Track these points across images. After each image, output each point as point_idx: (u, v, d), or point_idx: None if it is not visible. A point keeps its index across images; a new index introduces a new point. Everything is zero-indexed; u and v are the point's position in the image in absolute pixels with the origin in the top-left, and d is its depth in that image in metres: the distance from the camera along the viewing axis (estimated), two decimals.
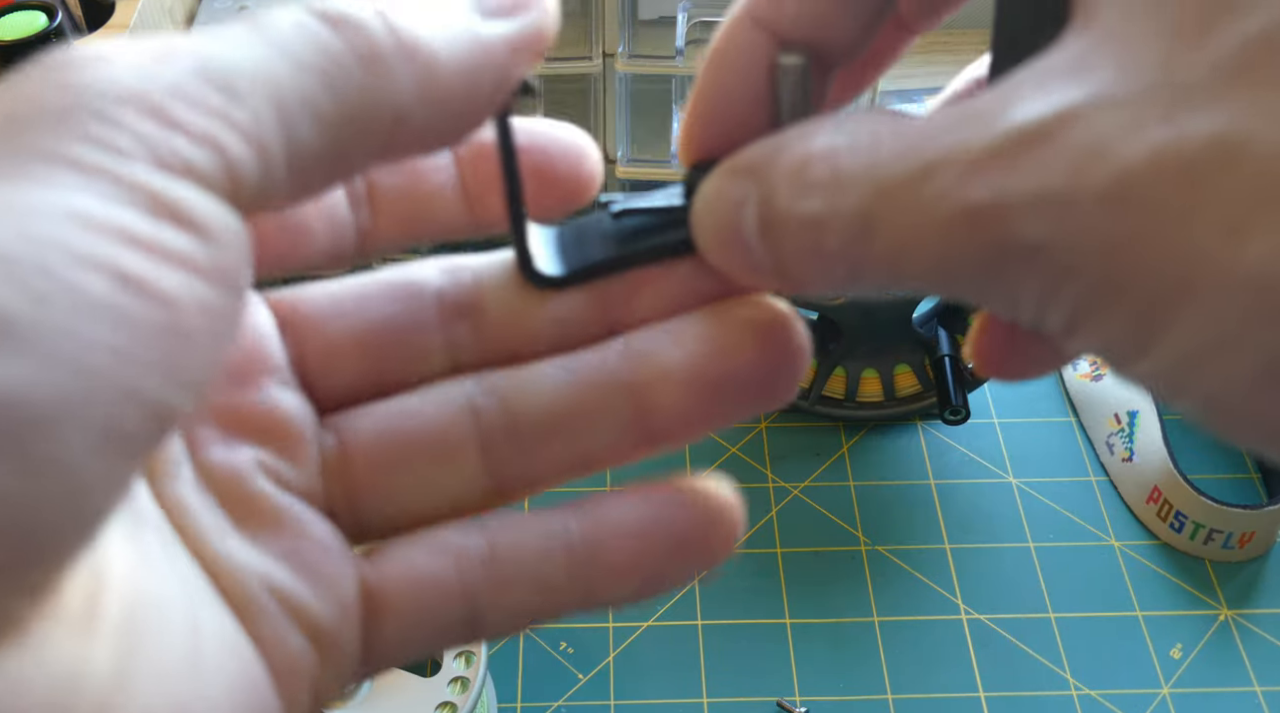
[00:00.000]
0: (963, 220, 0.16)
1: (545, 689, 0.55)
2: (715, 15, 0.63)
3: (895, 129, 0.18)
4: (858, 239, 0.17)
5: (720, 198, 0.20)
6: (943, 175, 0.16)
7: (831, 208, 0.18)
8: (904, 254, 0.17)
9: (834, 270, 0.18)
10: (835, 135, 0.18)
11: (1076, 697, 0.55)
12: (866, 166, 0.17)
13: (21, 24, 0.54)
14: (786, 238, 0.19)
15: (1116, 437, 0.63)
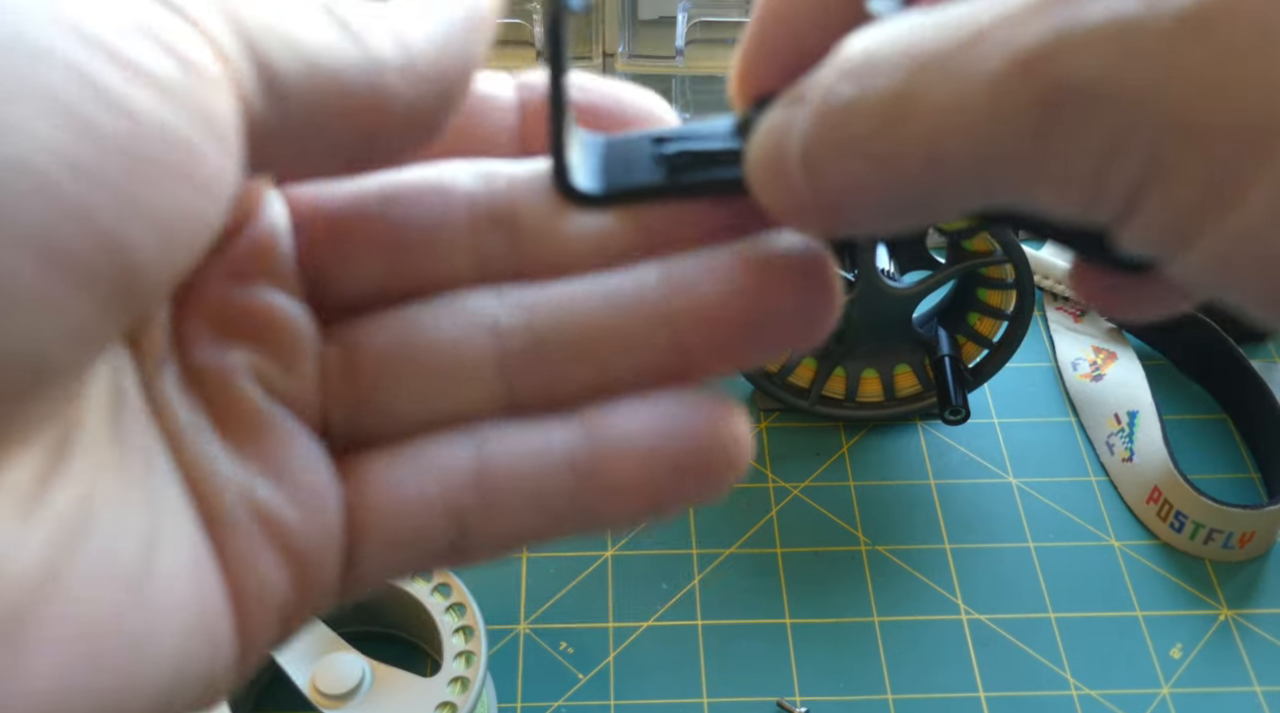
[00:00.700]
0: (1014, 70, 0.14)
1: (545, 689, 0.55)
2: (715, 15, 0.63)
3: (939, 15, 0.16)
4: (891, 122, 0.16)
5: (771, 130, 0.18)
6: (995, 33, 0.15)
7: (861, 90, 0.16)
8: (944, 129, 0.15)
9: (861, 170, 0.16)
10: (877, 31, 0.17)
11: (1076, 697, 0.55)
12: (904, 45, 0.16)
13: None
14: (817, 144, 0.17)
15: (1116, 437, 0.63)
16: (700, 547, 0.60)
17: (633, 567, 0.59)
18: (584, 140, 0.21)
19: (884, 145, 0.16)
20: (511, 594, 0.58)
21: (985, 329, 0.62)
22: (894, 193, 0.16)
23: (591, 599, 0.58)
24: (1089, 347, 0.67)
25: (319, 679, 0.48)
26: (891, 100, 0.16)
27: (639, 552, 0.60)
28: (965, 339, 0.63)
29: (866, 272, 0.59)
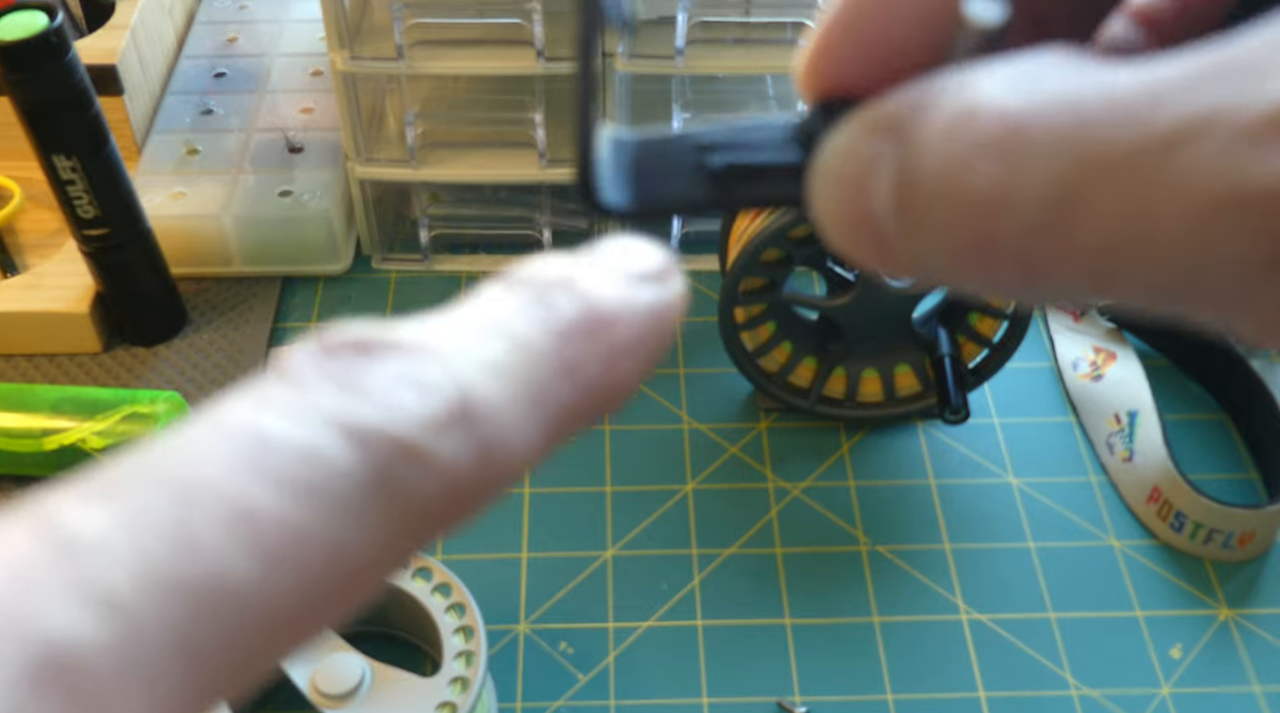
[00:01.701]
0: (1233, 209, 0.12)
1: (545, 689, 0.55)
2: (715, 15, 0.63)
3: (1099, 80, 0.13)
4: (1050, 230, 0.13)
5: (849, 160, 0.15)
6: (1201, 145, 0.12)
7: (1011, 181, 0.13)
8: (1124, 254, 0.13)
9: (1001, 270, 0.14)
10: (1010, 82, 0.14)
11: (1076, 697, 0.55)
12: (1066, 127, 0.13)
13: (21, 24, 0.54)
14: (935, 221, 0.14)
15: (1116, 437, 0.63)
16: (700, 547, 0.60)
17: (633, 567, 0.59)
18: (616, 140, 0.19)
19: (1036, 253, 0.13)
20: (511, 594, 0.58)
21: (985, 329, 0.62)
22: (1035, 295, 0.14)
23: (591, 599, 0.58)
24: (1089, 347, 0.67)
25: (319, 679, 0.48)
26: (1052, 204, 0.13)
27: (639, 552, 0.60)
28: (965, 339, 0.63)
29: (866, 272, 0.59)
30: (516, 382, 0.15)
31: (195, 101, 0.75)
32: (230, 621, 0.13)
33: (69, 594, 0.12)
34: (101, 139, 0.59)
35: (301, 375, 0.15)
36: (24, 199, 0.73)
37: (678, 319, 0.17)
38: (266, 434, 0.14)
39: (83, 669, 0.12)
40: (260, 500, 0.13)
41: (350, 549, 0.14)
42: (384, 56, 0.64)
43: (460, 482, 0.14)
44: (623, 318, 0.16)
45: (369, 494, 0.14)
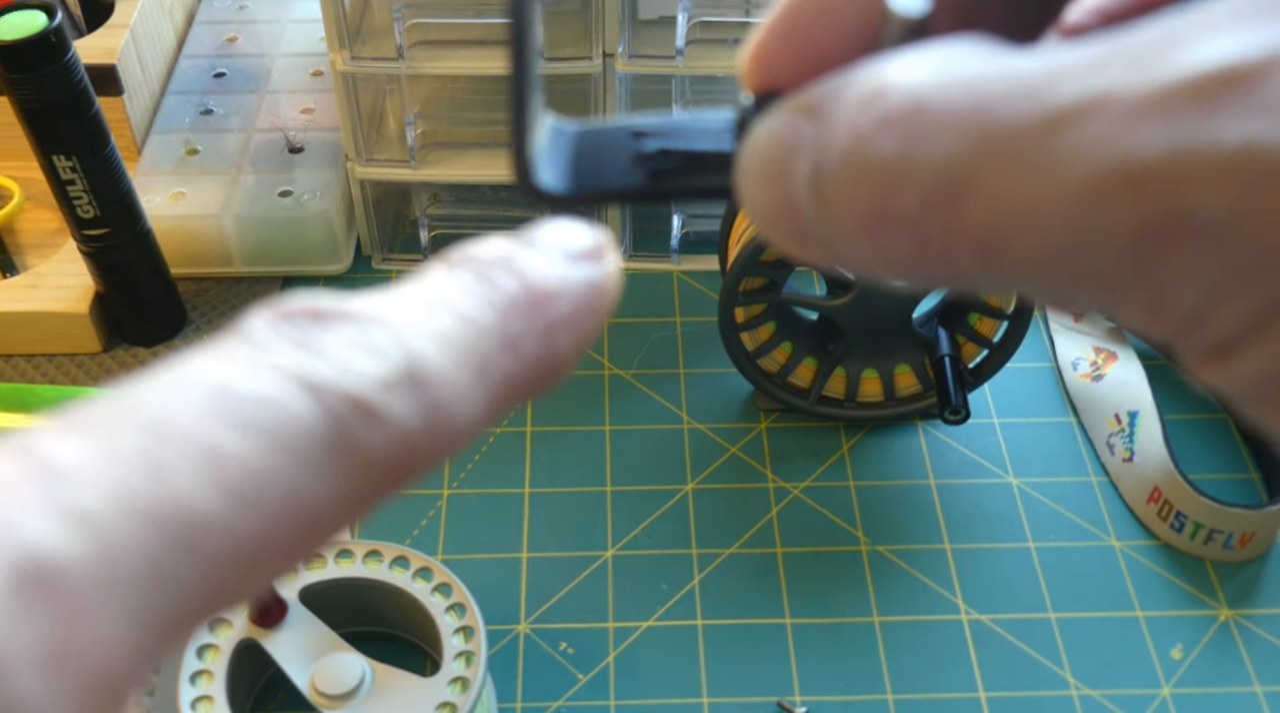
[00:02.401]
0: (1117, 183, 0.12)
1: (545, 689, 0.55)
2: (715, 15, 0.63)
3: (1003, 64, 0.14)
4: (944, 201, 0.14)
5: (772, 142, 0.16)
6: (1088, 123, 0.13)
7: (908, 154, 0.14)
8: (1011, 228, 0.13)
9: (897, 244, 0.15)
10: (919, 64, 0.14)
11: (1076, 697, 0.55)
12: (966, 105, 0.13)
13: (21, 24, 0.54)
14: (842, 194, 0.15)
15: (1116, 437, 0.63)
16: (700, 547, 0.60)
17: (633, 567, 0.59)
18: (554, 128, 0.19)
19: (928, 225, 0.14)
20: (511, 594, 0.58)
21: (985, 329, 0.62)
22: (926, 270, 0.15)
23: (591, 599, 0.58)
24: (1089, 346, 0.67)
25: (319, 679, 0.48)
26: (946, 177, 0.14)
27: (639, 552, 0.60)
28: (965, 339, 0.63)
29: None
30: (461, 353, 0.16)
31: (195, 101, 0.75)
32: (197, 551, 0.14)
33: (49, 510, 0.13)
34: (101, 139, 0.59)
35: (260, 336, 0.15)
36: (24, 199, 0.73)
37: (612, 296, 0.18)
38: (229, 385, 0.15)
39: (62, 579, 0.13)
40: (225, 442, 0.14)
41: (308, 496, 0.15)
42: (384, 57, 0.64)
43: (409, 441, 0.15)
44: (560, 294, 0.17)
45: (325, 446, 0.15)
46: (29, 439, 0.14)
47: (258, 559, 0.14)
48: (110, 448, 0.14)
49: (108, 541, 0.13)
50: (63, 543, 0.13)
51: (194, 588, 0.14)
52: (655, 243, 0.73)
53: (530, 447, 0.64)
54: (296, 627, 0.50)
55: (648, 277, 0.72)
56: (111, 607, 0.13)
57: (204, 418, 0.14)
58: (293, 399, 0.15)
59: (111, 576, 0.13)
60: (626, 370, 0.67)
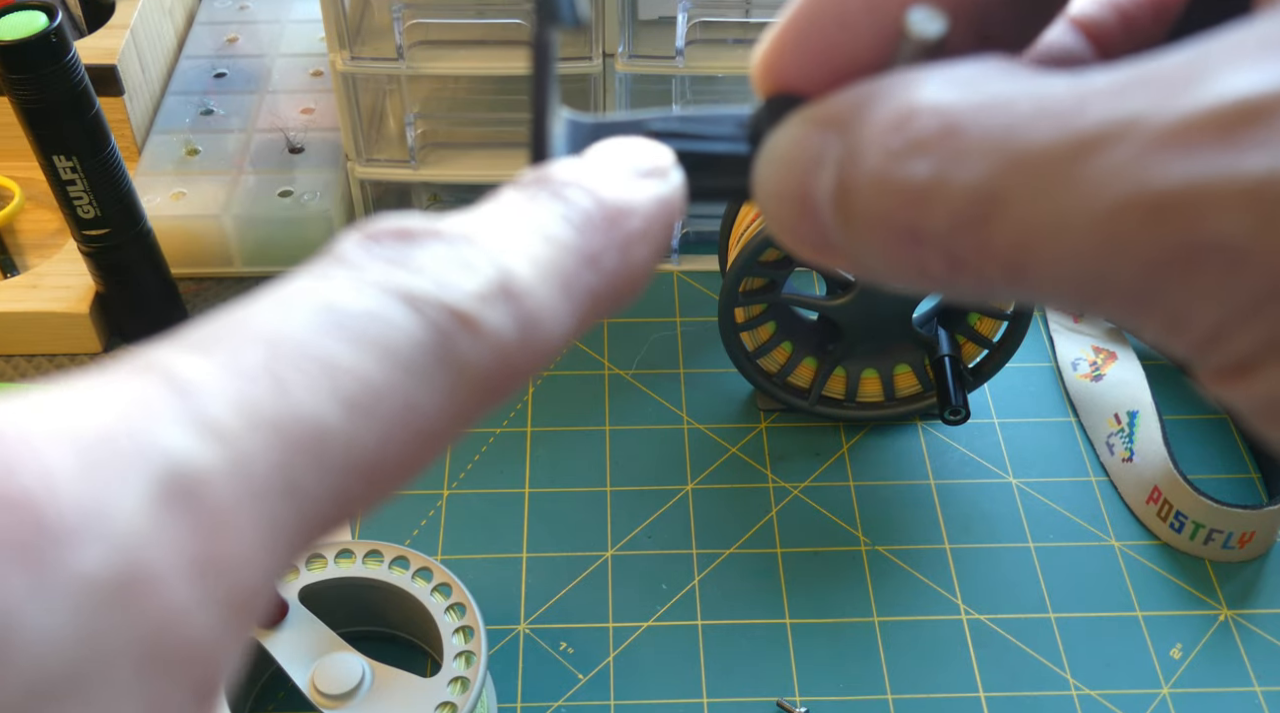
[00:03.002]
0: (1141, 210, 0.13)
1: (545, 689, 0.55)
2: (715, 15, 0.63)
3: (1032, 87, 0.14)
4: (972, 224, 0.14)
5: (794, 151, 0.16)
6: (1114, 150, 0.13)
7: (941, 177, 0.14)
8: (1038, 249, 0.14)
9: (927, 261, 0.15)
10: (949, 85, 0.15)
11: (1076, 697, 0.55)
12: (996, 129, 0.14)
13: (21, 24, 0.54)
14: (871, 212, 0.15)
15: (1116, 437, 0.63)
16: (700, 547, 0.60)
17: (633, 567, 0.59)
18: (570, 122, 0.19)
19: (959, 244, 0.14)
20: (511, 594, 0.58)
21: (985, 329, 0.62)
22: (957, 284, 0.15)
23: (591, 599, 0.58)
24: (1089, 346, 0.67)
25: (319, 679, 0.48)
26: (977, 198, 0.14)
27: (639, 552, 0.60)
28: (965, 339, 0.63)
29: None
30: (548, 268, 0.16)
31: (195, 102, 0.75)
32: (324, 463, 0.14)
33: (185, 424, 0.13)
34: (101, 139, 0.59)
35: (354, 257, 0.16)
36: (24, 199, 0.73)
37: (679, 209, 0.18)
38: (334, 302, 0.15)
39: (203, 491, 0.13)
40: (339, 356, 0.14)
41: (419, 407, 0.15)
42: (384, 57, 0.64)
43: (506, 353, 0.16)
44: (632, 209, 0.18)
45: (431, 356, 0.15)
46: (154, 357, 0.14)
47: (378, 471, 0.15)
48: (234, 364, 0.14)
49: (242, 453, 0.13)
50: (202, 455, 0.13)
51: (321, 500, 0.14)
52: None
53: (530, 447, 0.64)
54: (296, 627, 0.50)
55: None
56: (249, 518, 0.13)
57: (317, 333, 0.14)
58: (397, 313, 0.15)
59: (249, 488, 0.13)
60: (626, 370, 0.67)
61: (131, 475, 0.13)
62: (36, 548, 0.12)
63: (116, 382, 0.14)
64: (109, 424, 0.13)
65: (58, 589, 0.12)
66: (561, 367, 0.67)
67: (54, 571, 0.12)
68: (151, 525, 0.12)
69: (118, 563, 0.12)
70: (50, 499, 0.12)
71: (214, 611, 0.13)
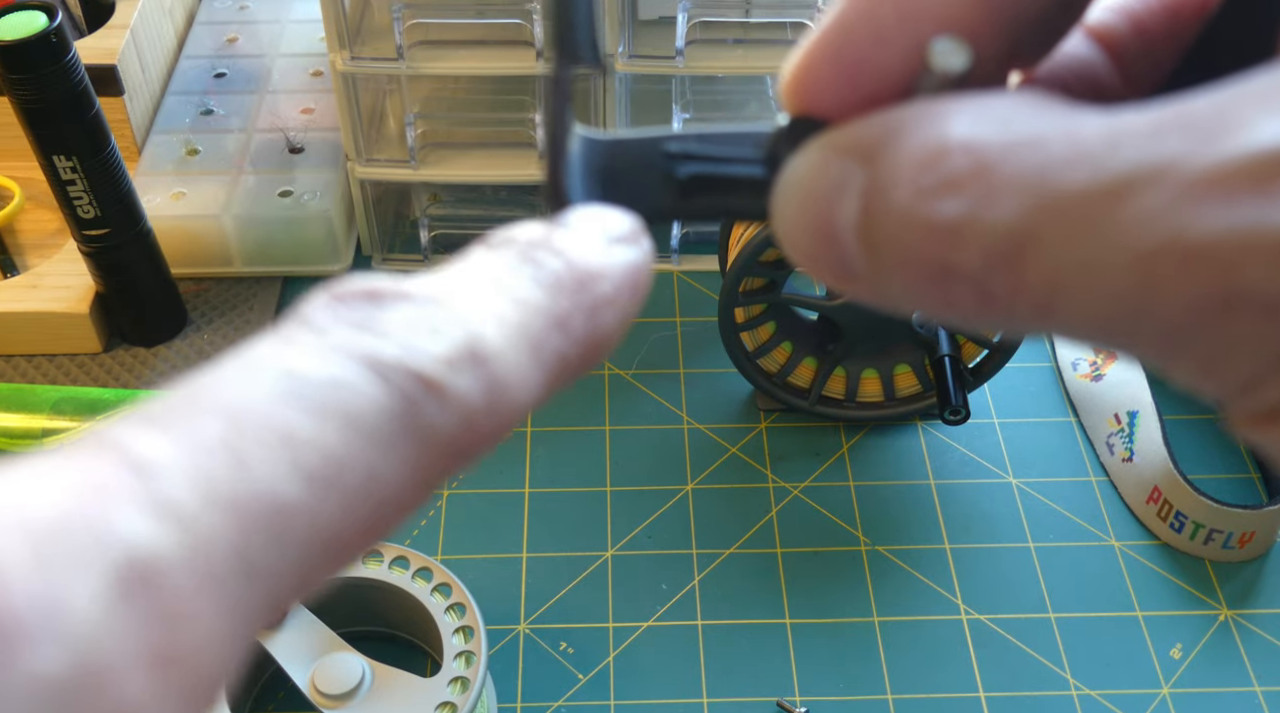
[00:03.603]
0: (1175, 257, 0.13)
1: (545, 689, 0.55)
2: (715, 15, 0.63)
3: (1065, 125, 0.14)
4: (1004, 264, 0.14)
5: (815, 179, 0.16)
6: (1148, 196, 0.13)
7: (974, 217, 0.14)
8: (1070, 292, 0.14)
9: (957, 298, 0.15)
10: (980, 121, 0.15)
11: (1076, 697, 0.55)
12: (1029, 169, 0.14)
13: (21, 24, 0.54)
14: (899, 247, 0.15)
15: (1116, 437, 0.63)
16: (700, 547, 0.60)
17: (633, 567, 0.59)
18: (585, 140, 0.19)
19: (991, 282, 0.14)
20: (511, 594, 0.58)
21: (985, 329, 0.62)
22: (986, 320, 0.15)
23: (591, 599, 0.58)
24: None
25: (319, 679, 0.48)
26: (1009, 237, 0.14)
27: (639, 552, 0.60)
28: (965, 339, 0.63)
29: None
30: (516, 331, 0.16)
31: (195, 102, 0.75)
32: (284, 539, 0.14)
33: (143, 508, 0.13)
34: (102, 139, 0.59)
35: (319, 321, 0.15)
36: (24, 199, 0.73)
37: (648, 278, 0.18)
38: (297, 370, 0.15)
39: (161, 578, 0.13)
40: (300, 427, 0.14)
41: (383, 477, 0.15)
42: (384, 57, 0.64)
43: (473, 418, 0.15)
44: (602, 274, 0.17)
45: (395, 425, 0.15)
46: (111, 435, 0.14)
47: (340, 541, 0.14)
48: (191, 440, 0.14)
49: (200, 536, 0.13)
50: (159, 541, 0.13)
51: (283, 576, 0.14)
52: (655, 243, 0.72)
53: (530, 447, 0.64)
54: (296, 627, 0.50)
55: None
56: (209, 604, 0.13)
57: (277, 403, 0.14)
58: (360, 380, 0.15)
59: (208, 571, 0.13)
60: (626, 370, 0.67)
61: (86, 567, 0.12)
62: None
63: (72, 462, 0.13)
64: (63, 511, 0.13)
65: (14, 691, 0.11)
66: None
67: (8, 672, 0.12)
68: (108, 619, 0.12)
69: (74, 662, 0.12)
70: (2, 596, 0.12)
71: (173, 701, 0.13)
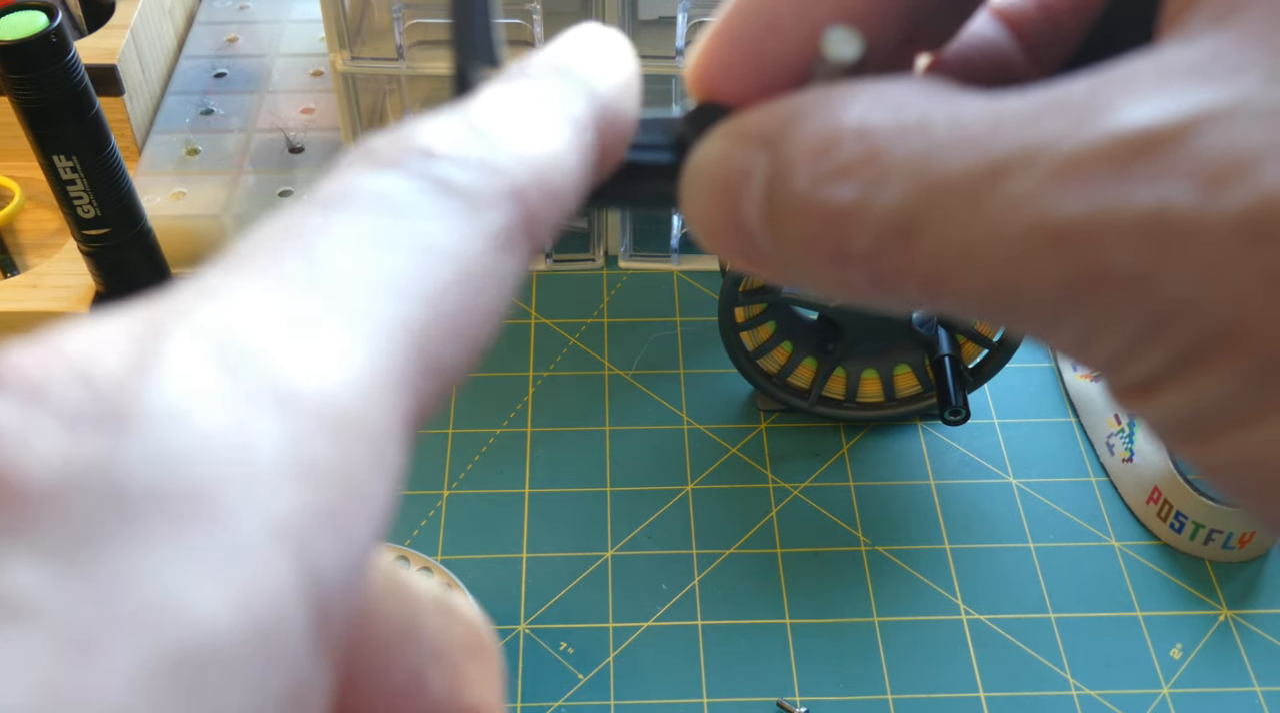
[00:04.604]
0: (1043, 239, 0.13)
1: (545, 689, 0.55)
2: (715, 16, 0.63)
3: (951, 109, 0.14)
4: (893, 245, 0.14)
5: (721, 166, 0.17)
6: (1020, 179, 0.13)
7: (864, 201, 0.15)
8: (952, 271, 0.14)
9: (851, 277, 0.15)
10: (873, 107, 0.15)
11: (1076, 697, 0.55)
12: (916, 153, 0.14)
13: (21, 24, 0.54)
14: (799, 230, 0.15)
15: (1116, 437, 0.63)
16: (700, 547, 0.60)
17: (633, 567, 0.59)
18: None
19: (881, 264, 0.15)
20: (511, 594, 0.58)
21: (985, 329, 0.62)
22: (879, 299, 0.16)
23: (591, 599, 0.58)
24: None
25: None
26: (897, 221, 0.14)
27: (639, 552, 0.60)
28: (965, 339, 0.63)
29: None
30: (569, 150, 0.16)
31: (195, 102, 0.75)
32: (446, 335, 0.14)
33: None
34: (102, 139, 0.59)
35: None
36: (24, 199, 0.73)
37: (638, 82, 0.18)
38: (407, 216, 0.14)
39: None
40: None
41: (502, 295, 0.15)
42: (384, 57, 0.64)
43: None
44: (623, 100, 0.17)
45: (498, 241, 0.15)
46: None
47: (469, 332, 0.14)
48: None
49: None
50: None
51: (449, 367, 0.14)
52: (655, 243, 0.73)
53: (530, 447, 0.64)
54: None
55: (648, 277, 0.72)
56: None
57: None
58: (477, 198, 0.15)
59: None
60: (626, 370, 0.67)
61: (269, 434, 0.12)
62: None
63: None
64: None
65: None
66: (561, 367, 0.68)
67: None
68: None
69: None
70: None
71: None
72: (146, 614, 0.10)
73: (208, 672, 0.10)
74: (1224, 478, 0.14)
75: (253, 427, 0.12)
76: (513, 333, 0.69)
